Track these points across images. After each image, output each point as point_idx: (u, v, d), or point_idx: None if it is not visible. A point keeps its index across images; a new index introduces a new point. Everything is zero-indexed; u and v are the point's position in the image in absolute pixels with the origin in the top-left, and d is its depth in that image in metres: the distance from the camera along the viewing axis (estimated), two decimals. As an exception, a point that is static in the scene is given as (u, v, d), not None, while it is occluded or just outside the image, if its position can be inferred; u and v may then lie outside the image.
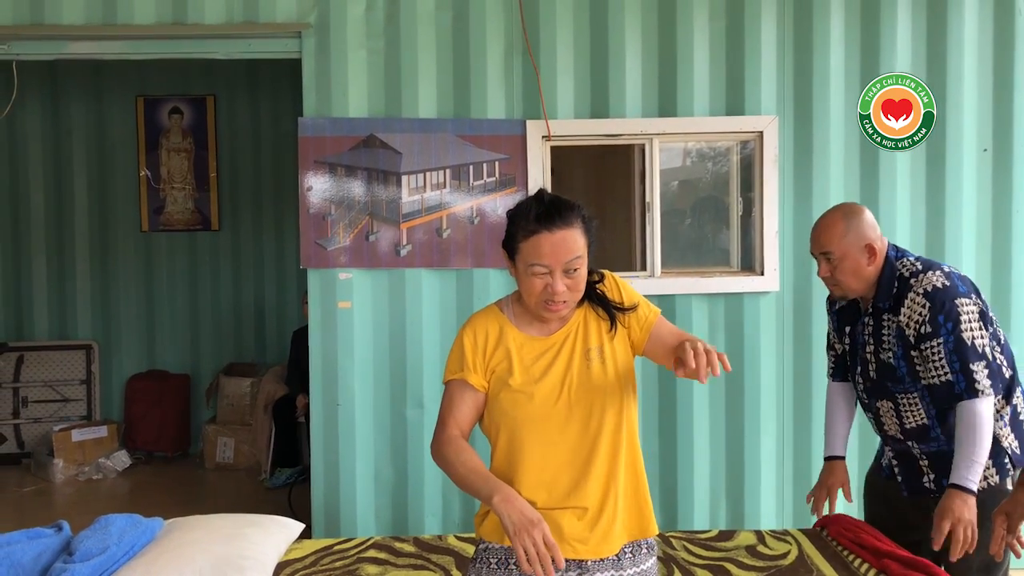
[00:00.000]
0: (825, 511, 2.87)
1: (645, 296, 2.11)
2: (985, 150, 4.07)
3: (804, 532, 2.98)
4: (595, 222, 1.98)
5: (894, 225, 4.05)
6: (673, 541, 2.89)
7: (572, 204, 1.94)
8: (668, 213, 4.24)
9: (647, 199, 4.08)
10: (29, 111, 6.42)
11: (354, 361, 4.00)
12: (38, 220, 6.55)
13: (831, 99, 4.04)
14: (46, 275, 6.57)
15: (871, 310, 2.62)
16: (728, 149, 4.23)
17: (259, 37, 3.98)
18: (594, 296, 2.03)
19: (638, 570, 1.99)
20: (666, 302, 4.02)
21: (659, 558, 2.69)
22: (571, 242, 1.89)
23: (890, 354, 2.57)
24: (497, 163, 3.99)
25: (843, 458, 2.84)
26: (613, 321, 2.00)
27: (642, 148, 4.11)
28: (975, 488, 2.40)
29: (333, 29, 3.96)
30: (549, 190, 2.05)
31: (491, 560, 2.00)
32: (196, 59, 4.28)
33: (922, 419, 2.58)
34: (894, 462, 2.72)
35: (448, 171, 3.99)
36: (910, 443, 2.63)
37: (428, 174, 3.99)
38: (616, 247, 4.64)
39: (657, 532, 2.06)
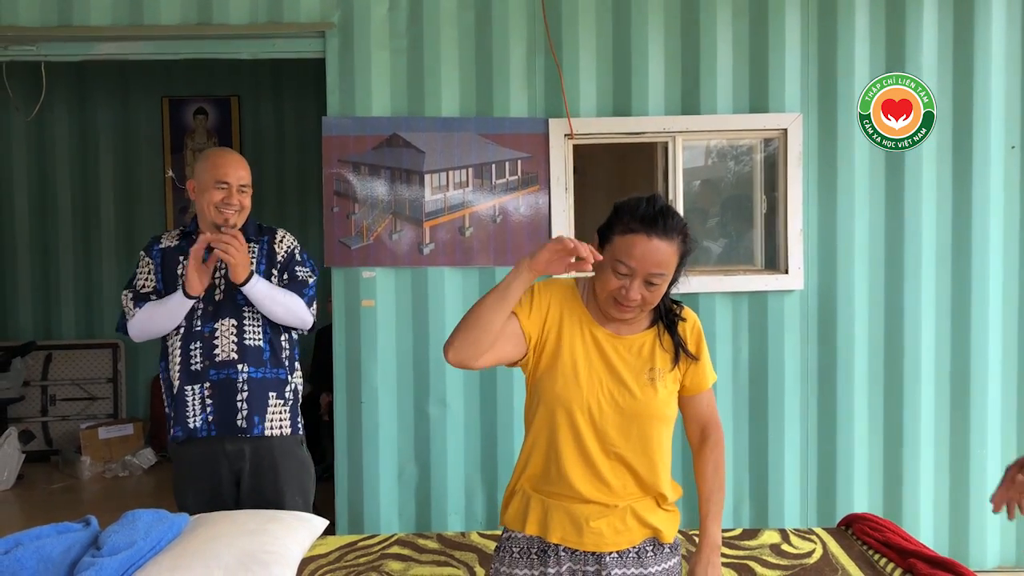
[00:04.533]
0: None
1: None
2: (1013, 147, 4.02)
3: (829, 531, 2.96)
4: (695, 246, 1.98)
5: (920, 221, 4.02)
6: (697, 540, 2.87)
7: (681, 220, 1.93)
8: (692, 212, 4.22)
9: (670, 197, 4.07)
10: (57, 112, 6.50)
11: (377, 359, 4.01)
12: (66, 220, 6.63)
13: (855, 97, 4.01)
14: (73, 275, 6.65)
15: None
16: (752, 147, 4.20)
17: (283, 37, 4.01)
18: (672, 327, 2.03)
19: (661, 568, 2.00)
20: (690, 301, 4.00)
21: (683, 556, 2.68)
22: (663, 255, 1.88)
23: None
24: (519, 162, 3.99)
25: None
26: (677, 358, 2.01)
27: (665, 146, 4.09)
28: (251, 281, 2.88)
29: (356, 29, 3.98)
30: (572, 188, 2.06)
31: (513, 549, 2.02)
32: (221, 60, 4.31)
33: (259, 340, 2.94)
34: (208, 401, 2.90)
35: (471, 170, 3.99)
36: (240, 366, 2.90)
37: (451, 173, 4.00)
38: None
39: (675, 537, 2.08)
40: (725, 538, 2.90)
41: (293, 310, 2.95)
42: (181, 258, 2.98)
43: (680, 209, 4.05)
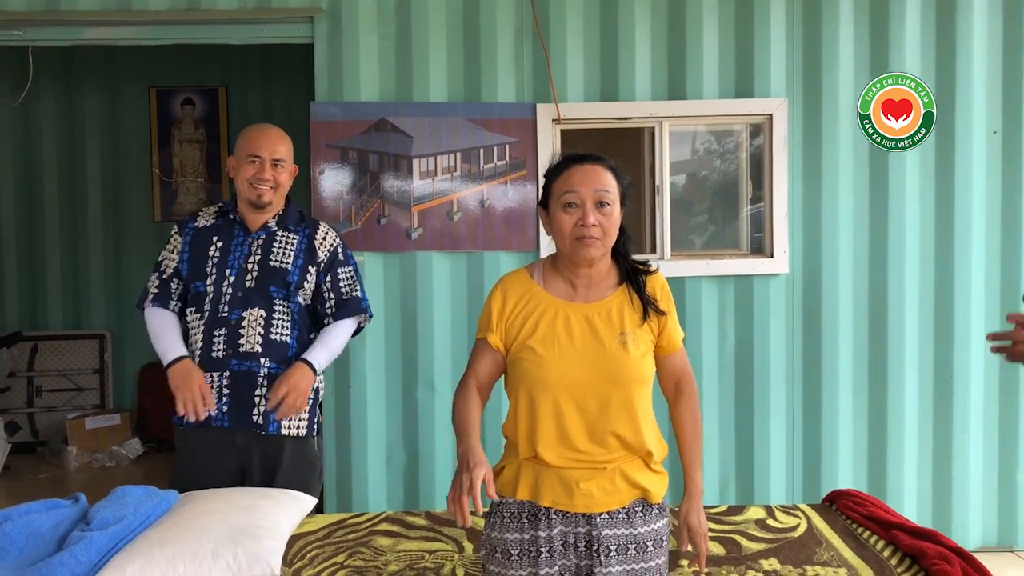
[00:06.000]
0: None
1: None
2: (995, 132, 4.07)
3: (813, 507, 3.00)
4: (627, 179, 2.07)
5: (903, 207, 4.07)
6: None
7: (609, 158, 2.06)
8: (680, 202, 4.26)
9: (657, 182, 4.10)
10: (44, 101, 6.48)
11: (366, 343, 4.03)
12: (52, 210, 6.60)
13: (840, 82, 4.06)
14: (60, 265, 6.62)
15: (269, 226, 2.95)
16: (738, 133, 4.24)
17: (272, 22, 4.02)
18: (637, 283, 2.07)
19: (649, 529, 2.03)
20: (676, 284, 4.04)
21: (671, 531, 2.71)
22: (601, 174, 2.00)
23: (287, 262, 2.91)
24: (507, 146, 4.02)
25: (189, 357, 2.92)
26: (646, 312, 2.05)
27: (652, 131, 4.12)
28: (319, 369, 2.94)
29: (345, 14, 3.99)
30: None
31: (505, 514, 2.06)
32: (208, 50, 4.31)
33: (286, 336, 2.90)
34: (225, 391, 2.86)
35: (459, 155, 4.01)
36: (263, 360, 2.86)
37: (439, 158, 4.02)
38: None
39: (663, 497, 2.10)
40: (711, 514, 2.93)
41: (347, 339, 3.04)
42: (215, 239, 2.93)
43: (667, 193, 4.09)
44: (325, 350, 2.96)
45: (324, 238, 3.01)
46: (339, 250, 3.03)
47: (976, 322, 4.09)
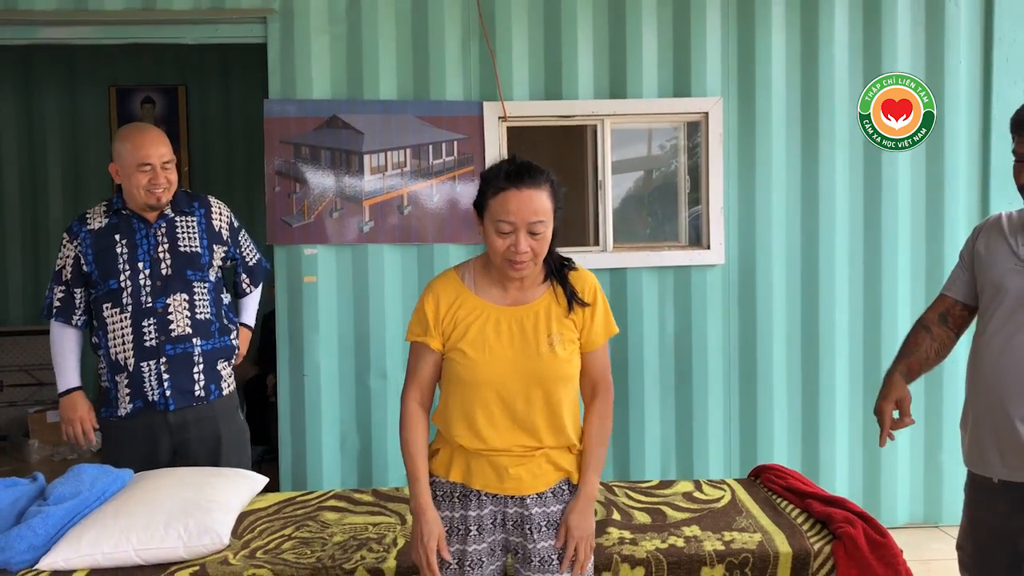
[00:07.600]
0: None
1: (596, 270, 2.28)
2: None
3: (739, 481, 3.18)
4: (563, 189, 2.11)
5: (834, 199, 4.26)
6: (616, 489, 3.07)
7: (542, 168, 2.06)
8: (622, 196, 4.44)
9: (599, 177, 4.27)
10: (2, 101, 6.52)
11: (319, 333, 4.16)
12: (13, 206, 6.64)
13: (773, 80, 4.25)
14: (21, 261, 6.67)
15: (167, 214, 3.07)
16: (677, 129, 4.42)
17: (226, 23, 4.13)
18: (563, 280, 2.15)
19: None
20: (618, 276, 4.21)
21: (600, 503, 2.87)
22: (537, 202, 2.00)
23: (195, 246, 3.08)
24: (455, 143, 4.17)
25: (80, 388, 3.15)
26: (570, 304, 2.13)
27: (594, 128, 4.29)
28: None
29: (297, 14, 4.11)
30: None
31: (437, 493, 2.16)
32: (167, 49, 4.39)
33: (208, 313, 3.07)
34: (165, 376, 2.99)
35: (408, 151, 4.16)
36: (195, 340, 3.03)
37: (389, 153, 4.16)
38: (571, 224, 4.83)
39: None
40: (641, 487, 3.10)
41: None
42: (118, 237, 3.00)
43: (609, 188, 4.26)
44: (254, 311, 3.44)
45: (219, 213, 3.21)
46: (232, 218, 3.26)
47: (902, 309, 4.29)
